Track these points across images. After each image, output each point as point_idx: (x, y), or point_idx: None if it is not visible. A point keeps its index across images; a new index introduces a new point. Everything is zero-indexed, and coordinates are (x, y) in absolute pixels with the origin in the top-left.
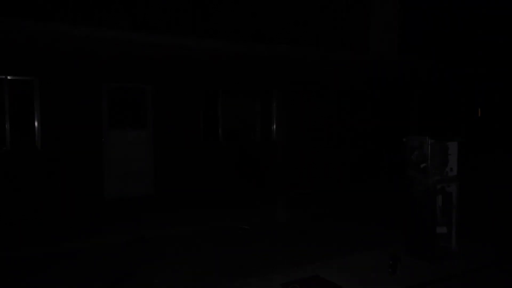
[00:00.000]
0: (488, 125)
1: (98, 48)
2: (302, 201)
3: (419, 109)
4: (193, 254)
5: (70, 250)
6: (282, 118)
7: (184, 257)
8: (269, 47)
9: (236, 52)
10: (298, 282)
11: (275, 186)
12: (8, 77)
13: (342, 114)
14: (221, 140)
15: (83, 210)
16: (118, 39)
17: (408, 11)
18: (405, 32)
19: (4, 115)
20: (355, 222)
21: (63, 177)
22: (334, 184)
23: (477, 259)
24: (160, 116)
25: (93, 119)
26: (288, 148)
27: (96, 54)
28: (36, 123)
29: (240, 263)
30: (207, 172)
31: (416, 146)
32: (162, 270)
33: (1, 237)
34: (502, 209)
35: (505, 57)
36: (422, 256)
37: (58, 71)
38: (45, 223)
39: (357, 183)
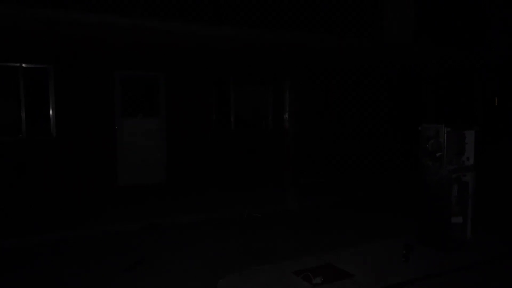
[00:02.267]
0: (506, 114)
1: (110, 35)
2: (314, 189)
3: (435, 98)
4: (205, 241)
5: (83, 236)
6: (294, 107)
7: (196, 244)
8: (282, 34)
9: (249, 40)
10: (310, 270)
11: (287, 175)
12: (23, 65)
13: (356, 103)
14: (233, 128)
15: (96, 197)
16: (131, 26)
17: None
18: (421, 18)
19: (20, 103)
20: (368, 211)
21: (77, 164)
22: (347, 173)
23: (492, 249)
24: (172, 104)
25: (106, 107)
26: (300, 137)
27: (108, 41)
28: (51, 111)
29: (251, 251)
30: (219, 160)
31: (431, 135)
32: (175, 256)
33: (19, 223)
34: None
35: None
36: (436, 246)
37: (72, 59)
38: (60, 209)
39: (371, 172)
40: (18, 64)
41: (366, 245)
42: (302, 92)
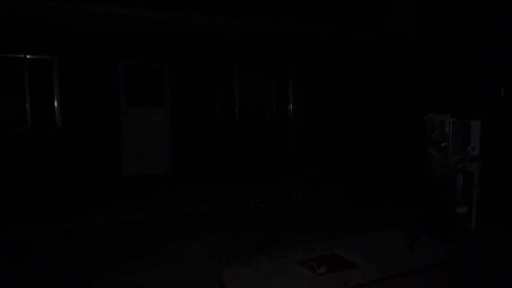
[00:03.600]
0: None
1: (115, 26)
2: (319, 180)
3: (440, 88)
4: (210, 231)
5: (88, 226)
6: (299, 97)
7: (201, 234)
8: (287, 24)
9: (254, 30)
10: (314, 259)
11: (291, 165)
12: (28, 56)
13: (360, 93)
14: (237, 119)
15: (101, 187)
16: (135, 17)
17: None
18: (425, 9)
19: (24, 94)
20: (373, 201)
21: (82, 155)
22: (352, 164)
23: (497, 239)
24: (176, 95)
25: (111, 98)
26: (304, 128)
27: (113, 32)
28: (55, 102)
29: (256, 241)
30: (224, 151)
31: (437, 125)
32: (180, 246)
33: (25, 213)
34: None
35: None
36: (441, 236)
37: (76, 49)
38: (65, 200)
39: (376, 163)
40: (23, 56)
41: (371, 235)
42: (306, 83)
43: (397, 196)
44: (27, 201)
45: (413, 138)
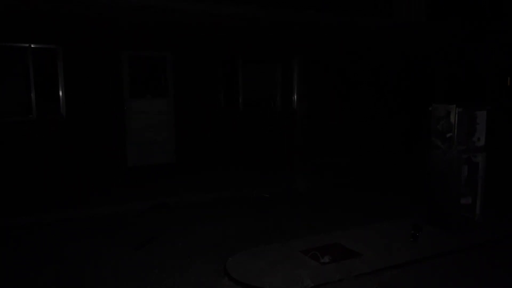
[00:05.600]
0: None
1: (118, 14)
2: (323, 170)
3: (446, 77)
4: (214, 221)
5: (94, 215)
6: (303, 87)
7: (205, 223)
8: (290, 13)
9: (258, 18)
10: (318, 249)
11: (295, 155)
12: (32, 46)
13: (365, 83)
14: (241, 109)
15: (106, 177)
16: (139, 5)
17: None
18: None
19: (29, 84)
20: (377, 192)
21: (87, 144)
22: (356, 153)
23: (501, 230)
24: (181, 84)
25: (115, 88)
26: (309, 117)
27: (116, 21)
28: (60, 92)
29: (260, 230)
30: (228, 141)
31: (442, 115)
32: (185, 235)
33: (31, 201)
34: None
35: None
36: (445, 226)
37: (80, 39)
38: (70, 189)
39: (380, 152)
40: (27, 45)
41: (374, 224)
42: (311, 72)
43: (401, 186)
44: (32, 190)
45: (418, 128)
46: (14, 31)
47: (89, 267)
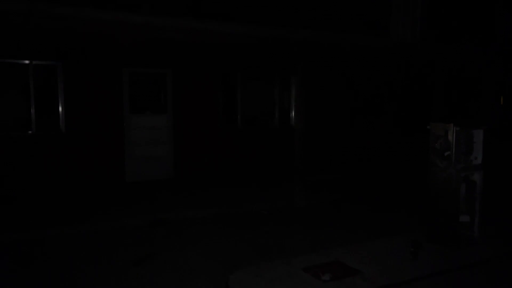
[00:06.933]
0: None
1: (120, 32)
2: (322, 186)
3: (442, 96)
4: (214, 237)
5: (91, 231)
6: (302, 104)
7: (205, 239)
8: (289, 31)
9: (256, 37)
10: (319, 266)
11: (294, 172)
12: (33, 62)
13: (363, 100)
14: (239, 125)
15: (104, 192)
16: (140, 23)
17: None
18: (427, 17)
19: (29, 99)
20: (375, 208)
21: (85, 160)
22: (355, 170)
23: (499, 247)
24: (180, 101)
25: (115, 104)
26: (307, 134)
27: (117, 38)
28: (60, 107)
29: (260, 247)
30: (226, 157)
31: (440, 133)
32: (185, 251)
33: (29, 217)
34: None
35: None
36: (444, 244)
37: (81, 56)
38: (68, 204)
39: (378, 169)
40: (28, 61)
41: (374, 241)
42: (309, 89)
43: (400, 202)
44: (29, 205)
45: (417, 145)
46: (16, 48)
47: (86, 284)
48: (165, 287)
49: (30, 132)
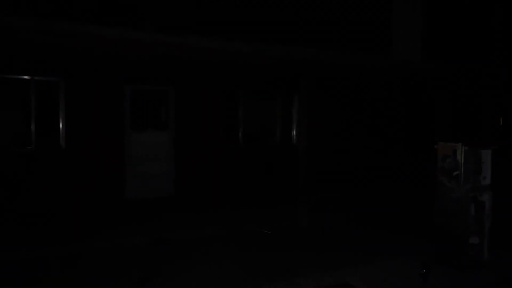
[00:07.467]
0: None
1: (123, 49)
2: (325, 205)
3: (444, 113)
4: (216, 258)
5: (91, 250)
6: (304, 121)
7: (208, 259)
8: (292, 50)
9: (259, 55)
10: None
11: (297, 190)
12: (35, 78)
13: (366, 118)
14: (241, 143)
15: (104, 210)
16: (144, 41)
17: (432, 14)
18: (428, 34)
19: (30, 115)
20: (380, 228)
21: (85, 177)
22: (359, 188)
23: (509, 269)
24: (181, 118)
25: (116, 121)
26: (310, 152)
27: (121, 55)
28: (60, 124)
29: (264, 268)
30: (228, 175)
31: (448, 153)
32: (187, 272)
33: (26, 235)
34: None
35: None
36: (453, 266)
37: (83, 72)
38: (68, 222)
39: (383, 188)
40: (30, 77)
41: (382, 263)
42: (311, 106)
43: (408, 222)
44: (27, 222)
45: (422, 163)
46: (17, 64)
47: None
48: None
49: (29, 148)
